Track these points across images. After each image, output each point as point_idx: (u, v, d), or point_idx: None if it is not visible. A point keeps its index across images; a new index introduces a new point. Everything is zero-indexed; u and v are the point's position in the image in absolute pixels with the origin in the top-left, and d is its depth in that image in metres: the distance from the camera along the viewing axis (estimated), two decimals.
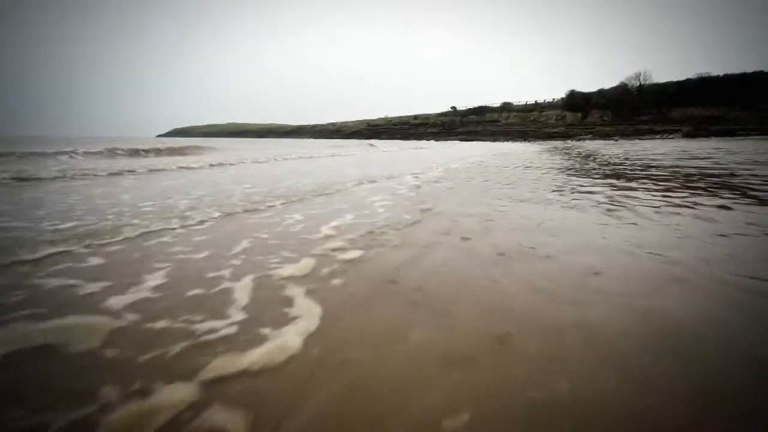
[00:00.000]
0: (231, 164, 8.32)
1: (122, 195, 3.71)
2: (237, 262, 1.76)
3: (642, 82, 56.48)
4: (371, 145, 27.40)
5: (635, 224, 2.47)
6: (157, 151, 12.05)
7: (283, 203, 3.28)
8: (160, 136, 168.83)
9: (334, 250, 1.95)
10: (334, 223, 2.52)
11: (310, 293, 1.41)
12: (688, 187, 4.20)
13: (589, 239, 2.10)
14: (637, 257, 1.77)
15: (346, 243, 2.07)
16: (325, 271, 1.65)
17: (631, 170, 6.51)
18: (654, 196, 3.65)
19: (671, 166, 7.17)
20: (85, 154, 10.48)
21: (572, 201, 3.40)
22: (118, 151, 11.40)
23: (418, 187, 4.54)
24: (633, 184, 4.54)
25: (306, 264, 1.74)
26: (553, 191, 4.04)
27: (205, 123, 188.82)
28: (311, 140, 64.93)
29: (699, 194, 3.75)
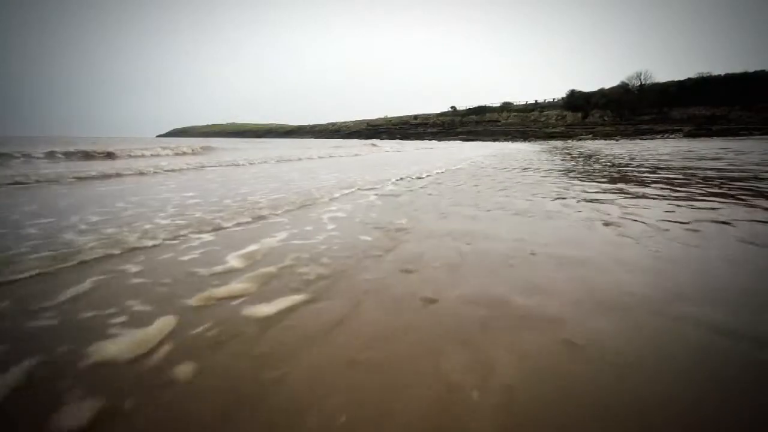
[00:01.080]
0: (201, 168, 7.66)
1: (26, 208, 3.07)
2: (41, 323, 1.11)
3: (643, 82, 55.81)
4: (373, 145, 26.57)
5: (664, 255, 1.82)
6: (137, 153, 11.36)
7: (214, 218, 2.63)
8: (159, 136, 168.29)
9: (220, 299, 1.30)
10: (253, 248, 1.86)
11: (106, 415, 0.76)
12: (714, 194, 3.54)
13: (606, 284, 1.44)
14: (691, 328, 1.10)
15: (248, 285, 1.41)
16: (172, 349, 1.00)
17: (639, 173, 5.85)
18: (676, 206, 2.99)
19: (682, 168, 6.51)
20: (67, 155, 9.81)
21: (576, 213, 2.75)
22: (97, 153, 10.75)
23: (397, 195, 3.89)
24: (647, 191, 3.88)
25: (155, 331, 1.08)
26: (554, 199, 3.38)
27: (205, 123, 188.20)
28: (310, 140, 64.32)
29: (729, 203, 3.09)
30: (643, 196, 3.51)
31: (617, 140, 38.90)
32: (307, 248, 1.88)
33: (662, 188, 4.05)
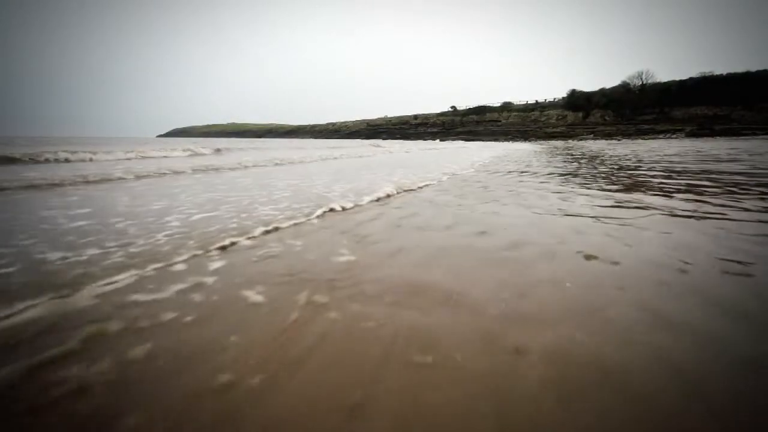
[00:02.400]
0: (158, 175, 6.83)
1: None
2: None
3: (644, 81, 54.97)
4: (377, 146, 25.59)
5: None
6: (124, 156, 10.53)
7: (74, 258, 1.82)
8: (160, 136, 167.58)
9: None
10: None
11: None
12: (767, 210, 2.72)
13: None
14: None
15: None
16: None
17: (654, 178, 5.02)
18: (725, 231, 2.16)
19: (702, 172, 5.70)
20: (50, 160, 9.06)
21: (588, 247, 1.93)
22: (76, 157, 9.98)
23: (357, 212, 3.09)
24: (673, 204, 3.05)
25: None
26: (556, 214, 2.57)
27: (205, 123, 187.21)
28: (310, 140, 63.55)
29: None
30: (672, 214, 2.69)
31: (619, 140, 38.10)
32: (135, 312, 1.07)
33: (691, 200, 3.23)
